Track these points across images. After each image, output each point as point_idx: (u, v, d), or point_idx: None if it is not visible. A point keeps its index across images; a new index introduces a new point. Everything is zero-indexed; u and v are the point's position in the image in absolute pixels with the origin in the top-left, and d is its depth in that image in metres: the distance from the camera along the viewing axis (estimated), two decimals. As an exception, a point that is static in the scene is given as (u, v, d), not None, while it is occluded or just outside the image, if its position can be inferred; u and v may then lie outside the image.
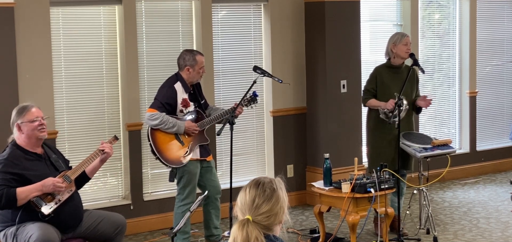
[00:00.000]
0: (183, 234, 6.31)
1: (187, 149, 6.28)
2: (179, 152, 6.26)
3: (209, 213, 6.48)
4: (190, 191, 6.30)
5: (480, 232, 6.95)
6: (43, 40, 6.63)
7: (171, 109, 6.27)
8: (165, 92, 6.30)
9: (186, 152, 6.28)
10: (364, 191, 6.14)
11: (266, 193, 2.87)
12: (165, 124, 6.18)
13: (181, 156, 6.26)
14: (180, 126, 6.21)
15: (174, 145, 6.26)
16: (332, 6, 7.79)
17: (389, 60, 6.83)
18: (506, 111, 9.74)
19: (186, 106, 6.32)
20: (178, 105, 6.29)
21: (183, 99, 6.31)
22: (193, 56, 6.32)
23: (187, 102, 6.33)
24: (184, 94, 6.32)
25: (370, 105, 6.82)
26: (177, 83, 6.32)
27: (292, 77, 7.95)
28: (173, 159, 6.25)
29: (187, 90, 6.34)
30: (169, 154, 6.25)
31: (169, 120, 6.19)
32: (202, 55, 6.42)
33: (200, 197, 5.11)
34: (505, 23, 9.64)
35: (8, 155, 4.98)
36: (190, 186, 6.30)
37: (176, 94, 6.28)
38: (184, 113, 6.32)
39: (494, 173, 9.45)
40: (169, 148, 6.26)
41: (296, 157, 8.10)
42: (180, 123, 6.22)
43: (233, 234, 2.80)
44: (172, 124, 6.19)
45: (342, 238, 6.77)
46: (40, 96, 6.53)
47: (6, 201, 4.81)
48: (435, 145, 6.73)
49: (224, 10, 7.70)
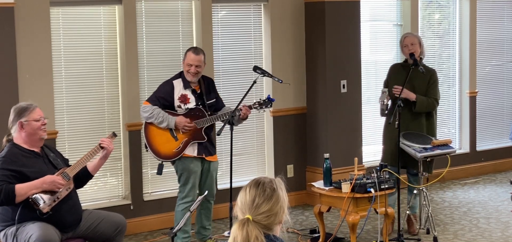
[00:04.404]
0: (183, 233, 6.31)
1: (179, 145, 6.29)
2: (171, 146, 6.29)
3: (199, 213, 6.52)
4: (190, 189, 6.31)
5: (480, 232, 6.95)
6: (43, 40, 6.63)
7: (167, 104, 6.29)
8: (161, 87, 6.37)
9: (179, 147, 6.28)
10: (364, 191, 6.14)
11: (266, 192, 2.87)
12: (155, 118, 6.24)
13: (172, 150, 6.28)
14: (170, 121, 6.24)
15: (167, 140, 6.29)
16: (332, 6, 7.79)
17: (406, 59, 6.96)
18: (506, 111, 9.74)
19: (184, 102, 6.31)
20: (175, 100, 6.30)
21: (181, 95, 6.31)
22: (187, 51, 6.36)
23: (185, 98, 6.32)
24: (183, 90, 6.32)
25: None
26: (178, 79, 6.35)
27: (292, 77, 7.95)
28: (163, 152, 6.30)
29: (187, 86, 6.33)
30: (161, 148, 6.30)
31: (159, 114, 6.23)
32: (195, 54, 6.30)
33: (199, 197, 5.12)
34: (505, 23, 9.64)
35: (6, 153, 4.99)
36: (189, 184, 6.30)
37: (173, 89, 6.30)
38: (183, 109, 6.31)
39: (494, 173, 9.45)
40: (161, 142, 6.30)
41: (296, 157, 8.10)
42: (171, 118, 6.24)
43: (233, 234, 2.80)
44: (162, 118, 6.23)
45: (342, 238, 6.77)
46: (40, 96, 6.53)
47: (5, 197, 4.81)
48: (435, 145, 6.73)
49: (224, 10, 7.70)
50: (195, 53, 6.32)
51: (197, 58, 6.30)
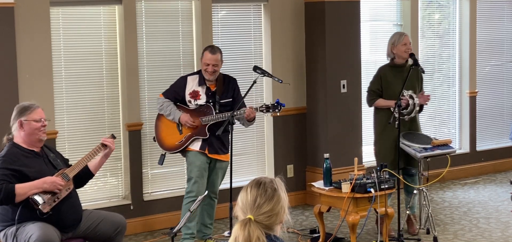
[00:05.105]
0: (186, 229, 6.36)
1: (182, 139, 6.42)
2: (174, 139, 6.45)
3: (201, 210, 6.54)
4: (194, 183, 6.34)
5: (480, 232, 6.95)
6: (43, 40, 6.63)
7: (179, 98, 6.47)
8: (176, 81, 6.58)
9: (181, 141, 6.43)
10: (364, 191, 6.14)
11: (268, 192, 2.87)
12: (165, 111, 6.46)
13: (175, 142, 6.45)
14: (175, 116, 6.40)
15: (173, 132, 6.46)
16: (332, 6, 7.78)
17: (392, 60, 6.85)
18: (506, 111, 9.74)
19: (195, 97, 6.43)
20: (185, 95, 6.43)
21: (193, 90, 6.44)
22: (204, 50, 6.48)
23: (196, 94, 6.44)
24: (197, 87, 6.44)
25: (378, 105, 6.82)
26: (193, 75, 6.54)
27: (292, 77, 7.95)
28: (166, 144, 6.50)
29: (202, 83, 6.41)
30: (165, 139, 6.50)
31: (167, 107, 6.44)
32: (212, 54, 6.39)
33: (199, 197, 5.12)
34: (505, 23, 9.64)
35: (6, 152, 4.99)
36: (193, 178, 6.36)
37: (185, 85, 6.46)
38: (193, 104, 6.43)
39: (494, 173, 9.45)
40: (167, 134, 6.48)
41: (296, 157, 8.10)
42: (177, 113, 6.40)
43: (235, 233, 2.80)
44: (169, 111, 6.43)
45: (342, 238, 6.77)
46: (40, 96, 6.52)
47: (5, 197, 4.81)
48: (435, 145, 6.72)
49: (224, 10, 7.70)
50: (211, 53, 6.41)
51: (214, 57, 6.39)
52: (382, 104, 6.80)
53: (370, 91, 6.88)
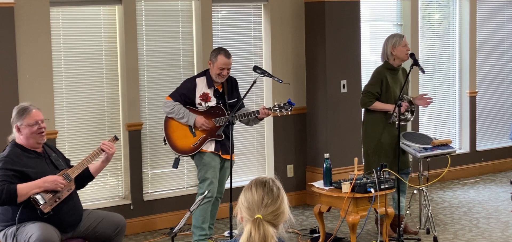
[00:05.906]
0: (199, 230, 6.36)
1: (197, 141, 6.40)
2: (188, 142, 6.41)
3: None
4: (210, 184, 6.37)
5: (480, 232, 6.95)
6: (43, 40, 6.63)
7: (188, 101, 6.42)
8: (184, 83, 6.53)
9: (196, 143, 6.40)
10: (364, 191, 6.14)
11: (274, 192, 2.90)
12: (176, 114, 6.39)
13: (189, 145, 6.40)
14: (190, 119, 6.37)
15: (185, 135, 6.42)
16: (332, 6, 7.79)
17: (387, 62, 6.78)
18: (506, 111, 9.74)
19: (205, 100, 6.43)
20: (196, 97, 6.42)
21: (203, 93, 6.43)
22: (217, 54, 6.44)
23: (207, 96, 6.44)
24: (206, 89, 6.43)
25: (376, 108, 6.70)
26: (201, 77, 6.50)
27: (292, 77, 7.95)
28: (180, 147, 6.44)
29: (211, 85, 6.40)
30: (178, 142, 6.44)
31: (180, 110, 6.38)
32: (227, 58, 6.40)
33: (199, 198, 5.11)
34: (505, 23, 9.64)
35: (8, 153, 4.99)
36: (208, 178, 6.36)
37: (195, 88, 6.44)
38: (203, 107, 6.41)
39: (494, 173, 9.45)
40: (179, 137, 6.44)
41: (296, 157, 8.10)
42: (191, 116, 6.38)
43: (247, 232, 2.80)
44: (182, 115, 6.38)
45: (342, 238, 6.77)
46: (40, 96, 6.53)
47: (7, 197, 4.81)
48: (435, 145, 6.72)
49: (224, 10, 7.70)
50: (226, 57, 6.42)
51: (229, 61, 6.44)
52: (380, 107, 6.69)
53: (368, 93, 6.75)
